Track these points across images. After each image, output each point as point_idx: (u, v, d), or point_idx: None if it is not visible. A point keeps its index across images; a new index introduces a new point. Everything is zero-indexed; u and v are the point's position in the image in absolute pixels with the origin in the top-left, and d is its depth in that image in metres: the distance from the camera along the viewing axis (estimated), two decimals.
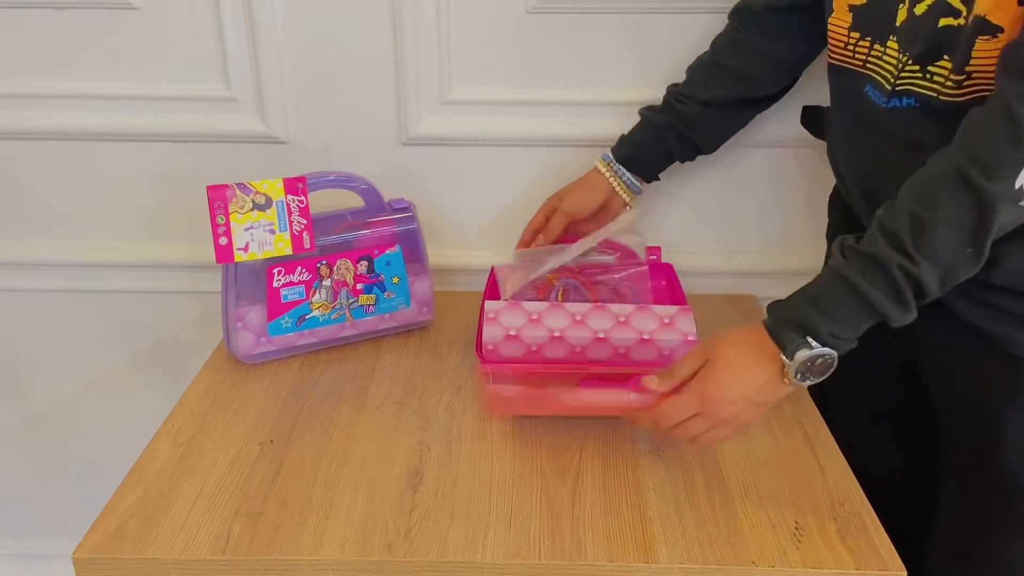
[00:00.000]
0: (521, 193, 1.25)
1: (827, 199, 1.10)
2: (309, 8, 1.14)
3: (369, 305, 1.10)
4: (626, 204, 1.11)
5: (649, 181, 1.12)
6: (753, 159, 1.22)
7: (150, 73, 1.19)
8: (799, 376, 0.77)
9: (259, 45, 1.15)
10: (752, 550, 0.77)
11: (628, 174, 1.09)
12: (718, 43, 1.05)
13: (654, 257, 1.16)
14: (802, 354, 0.76)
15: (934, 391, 0.94)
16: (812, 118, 1.09)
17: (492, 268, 1.12)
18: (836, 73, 0.91)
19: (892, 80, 0.82)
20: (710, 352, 0.81)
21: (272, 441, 0.92)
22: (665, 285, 1.15)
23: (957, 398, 0.91)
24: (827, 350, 0.76)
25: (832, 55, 0.90)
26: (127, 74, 1.19)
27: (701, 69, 1.06)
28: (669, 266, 1.16)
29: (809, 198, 1.23)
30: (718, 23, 1.07)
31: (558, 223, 1.09)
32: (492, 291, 1.09)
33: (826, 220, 1.11)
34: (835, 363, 0.77)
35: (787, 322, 0.78)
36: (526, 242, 1.11)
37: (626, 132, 1.10)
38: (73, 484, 1.52)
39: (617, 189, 1.09)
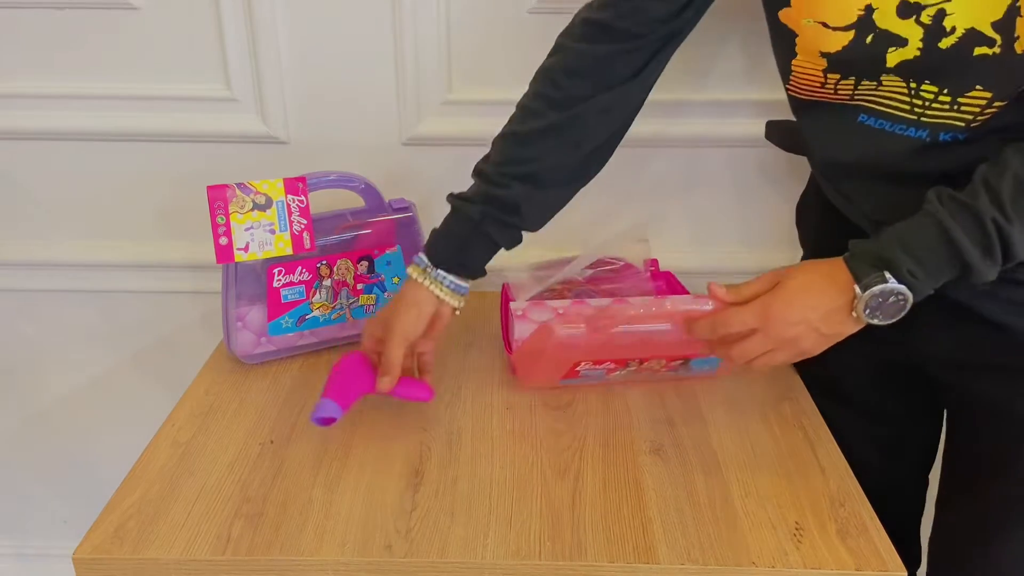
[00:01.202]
0: None
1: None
2: (309, 8, 1.14)
3: (369, 305, 1.10)
4: (455, 310, 0.96)
5: (475, 278, 0.96)
6: (742, 158, 1.22)
7: (150, 73, 1.19)
8: (868, 311, 0.75)
9: (259, 45, 1.15)
10: (752, 550, 0.77)
11: (451, 277, 0.93)
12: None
13: (652, 269, 1.16)
14: (877, 287, 0.74)
15: (945, 393, 0.94)
16: (781, 133, 1.07)
17: (504, 285, 1.11)
18: (810, 107, 0.87)
19: (912, 110, 0.79)
20: (782, 275, 0.80)
21: (272, 441, 0.92)
22: (666, 287, 1.15)
23: (975, 398, 0.90)
24: (903, 287, 0.74)
25: (799, 92, 0.86)
26: (127, 74, 1.19)
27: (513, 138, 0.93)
28: (668, 273, 1.16)
29: (793, 197, 1.23)
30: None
31: (397, 351, 0.91)
32: (507, 308, 1.08)
33: None
34: (907, 306, 0.75)
35: (868, 255, 0.76)
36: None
37: (436, 226, 0.95)
38: (73, 484, 1.52)
39: (443, 297, 0.93)
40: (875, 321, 0.76)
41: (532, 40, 1.15)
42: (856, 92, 0.81)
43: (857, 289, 0.75)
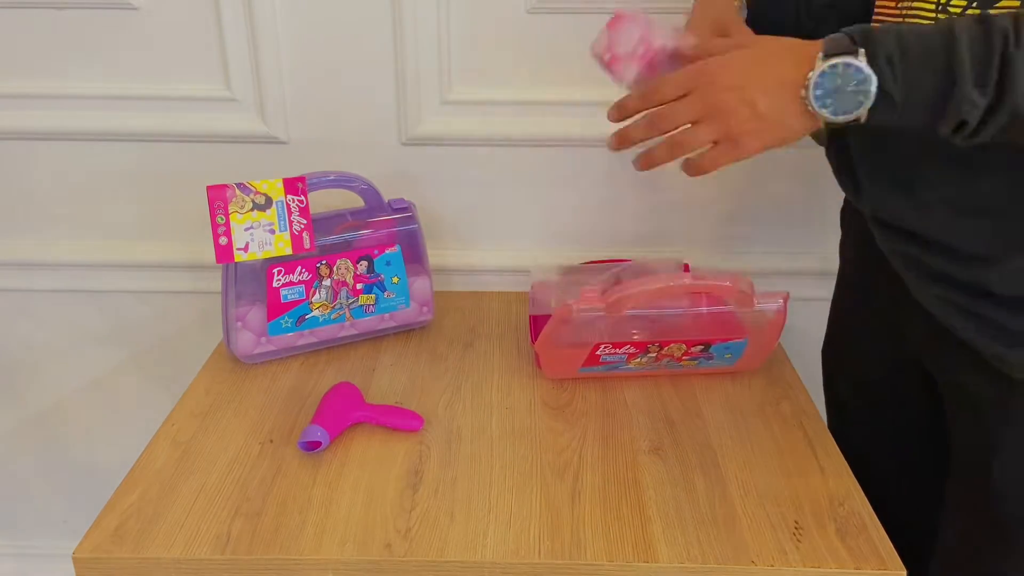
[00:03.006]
0: (521, 193, 1.25)
1: (832, 199, 1.09)
2: (309, 8, 1.14)
3: (369, 305, 1.10)
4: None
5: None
6: (762, 160, 1.22)
7: (150, 73, 1.19)
8: (819, 92, 0.64)
9: (259, 45, 1.15)
10: (752, 549, 0.77)
11: None
12: None
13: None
14: (840, 59, 0.63)
15: (946, 409, 0.92)
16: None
17: (532, 285, 1.10)
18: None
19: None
20: (752, 39, 0.71)
21: (272, 441, 0.92)
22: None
23: (958, 418, 0.88)
24: (869, 71, 0.63)
25: (877, 12, 0.78)
26: (127, 74, 1.19)
27: None
28: (685, 265, 1.15)
29: (814, 200, 1.23)
30: None
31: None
32: (535, 307, 1.07)
33: (832, 222, 1.09)
34: (866, 102, 0.64)
35: (856, 29, 0.65)
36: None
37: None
38: (73, 484, 1.52)
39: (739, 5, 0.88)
40: (823, 111, 0.65)
41: (532, 40, 1.16)
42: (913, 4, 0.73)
43: (818, 60, 0.64)
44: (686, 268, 1.16)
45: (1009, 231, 0.74)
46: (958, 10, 0.69)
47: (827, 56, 0.64)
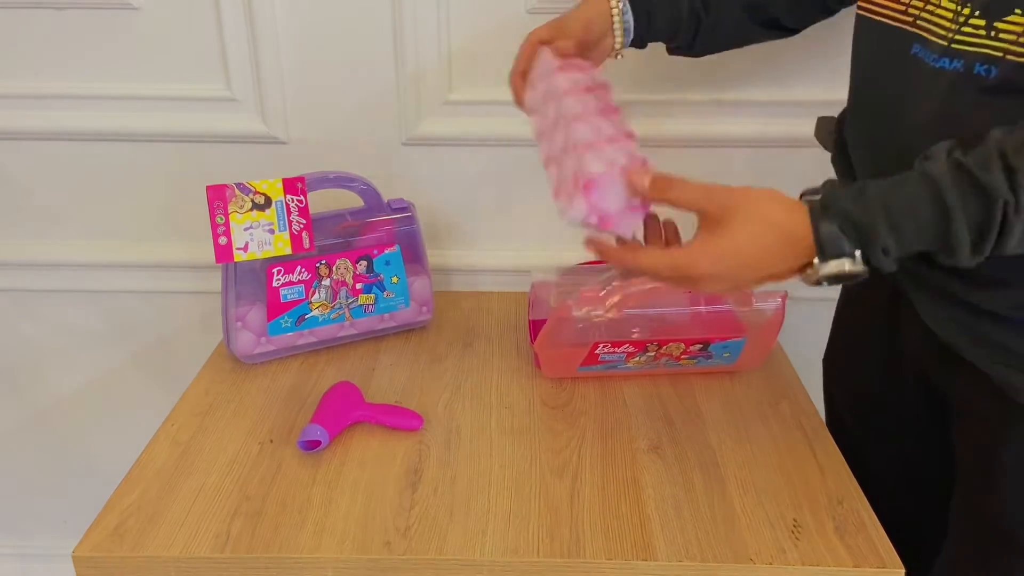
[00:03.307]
0: (521, 193, 1.25)
1: None
2: (309, 8, 1.14)
3: (368, 305, 1.10)
4: (615, 50, 0.93)
5: (632, 45, 0.95)
6: (762, 160, 1.22)
7: (150, 73, 1.19)
8: (816, 283, 0.67)
9: (259, 45, 1.15)
10: (750, 547, 0.77)
11: (630, 15, 0.91)
12: None
13: None
14: (839, 266, 0.64)
15: (950, 423, 0.91)
16: (827, 131, 1.02)
17: (532, 286, 1.10)
18: (872, 31, 0.78)
19: (947, 35, 0.70)
20: (734, 210, 0.67)
21: (272, 440, 0.92)
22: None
23: (963, 432, 0.87)
24: (864, 269, 0.65)
25: (869, 5, 0.78)
26: (127, 74, 1.19)
27: None
28: None
29: None
30: None
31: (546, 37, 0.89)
32: (535, 308, 1.07)
33: None
34: (862, 277, 0.66)
35: (845, 221, 0.64)
36: (514, 85, 0.93)
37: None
38: (73, 484, 1.53)
39: (615, 20, 0.91)
40: (817, 285, 0.67)
41: None
42: (924, 10, 0.73)
43: (816, 262, 0.65)
44: None
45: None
46: (971, 29, 0.68)
47: (823, 261, 0.65)
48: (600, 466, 0.88)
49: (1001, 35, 0.66)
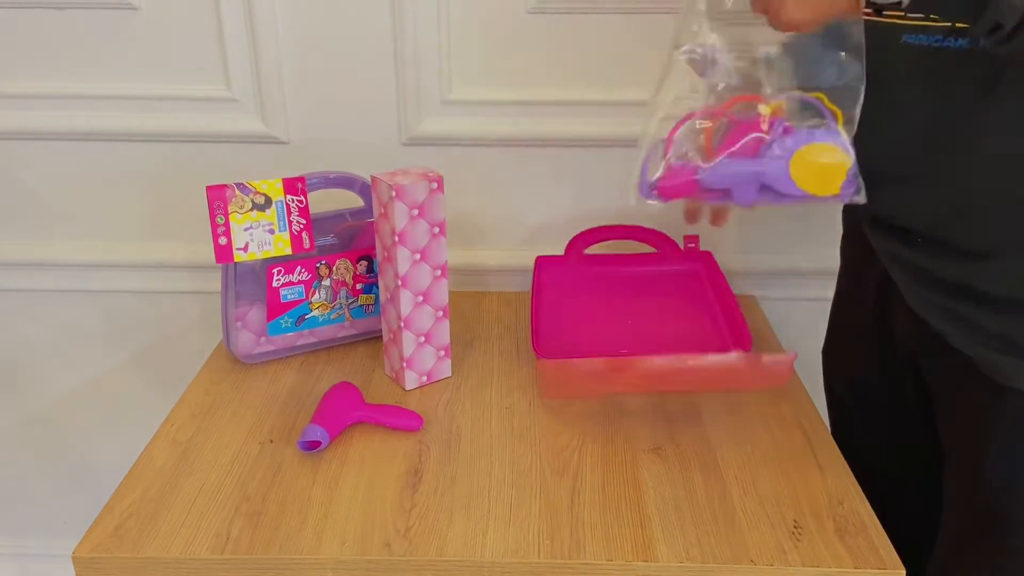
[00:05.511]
0: (521, 193, 1.25)
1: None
2: (309, 8, 1.14)
3: (368, 305, 1.10)
4: None
5: None
6: None
7: (150, 73, 1.19)
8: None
9: (259, 45, 1.15)
10: (751, 549, 0.77)
11: None
12: None
13: (692, 245, 1.14)
14: None
15: (936, 412, 0.92)
16: None
17: (537, 259, 1.09)
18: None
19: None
20: None
21: (272, 441, 0.92)
22: (704, 272, 1.13)
23: (948, 415, 0.88)
24: None
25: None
26: (127, 74, 1.19)
27: None
28: (708, 254, 1.14)
29: None
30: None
31: None
32: (539, 288, 1.07)
33: (832, 222, 1.08)
34: None
35: None
36: None
37: None
38: (73, 484, 1.52)
39: None
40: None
41: (532, 40, 1.16)
42: None
43: None
44: (695, 239, 1.14)
45: (1007, 225, 0.74)
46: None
47: None
48: (600, 467, 0.88)
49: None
